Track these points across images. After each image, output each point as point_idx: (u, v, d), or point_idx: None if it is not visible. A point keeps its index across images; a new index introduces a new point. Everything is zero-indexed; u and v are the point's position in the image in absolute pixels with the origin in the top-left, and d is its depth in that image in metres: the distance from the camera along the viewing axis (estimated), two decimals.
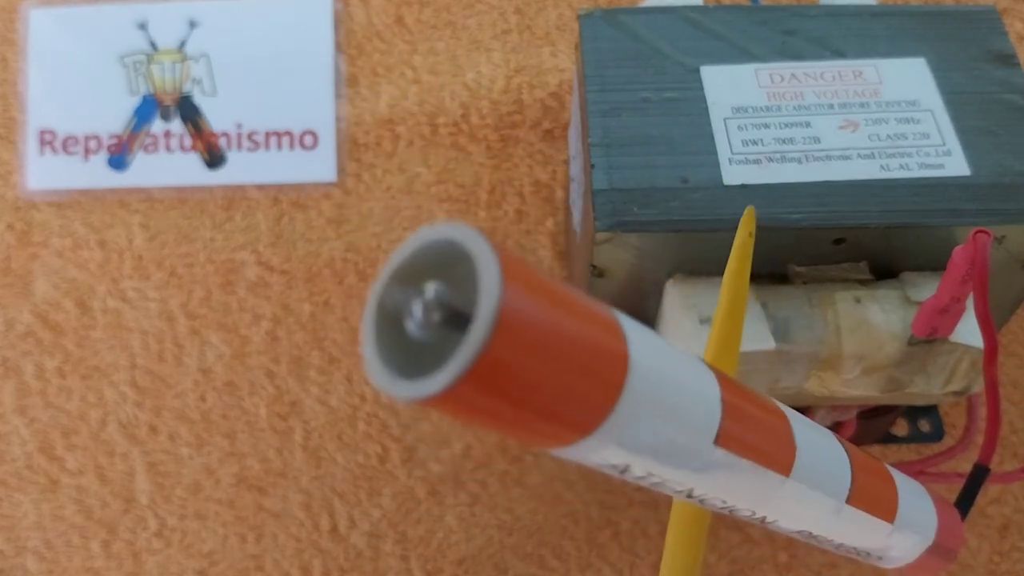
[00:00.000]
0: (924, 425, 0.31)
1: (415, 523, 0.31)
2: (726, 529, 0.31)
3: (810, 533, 0.16)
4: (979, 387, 0.23)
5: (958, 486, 0.21)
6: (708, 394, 0.13)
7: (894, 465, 0.19)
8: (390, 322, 0.10)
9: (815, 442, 0.16)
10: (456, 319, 0.10)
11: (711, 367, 0.13)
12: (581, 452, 0.11)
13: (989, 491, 0.31)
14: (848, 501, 0.16)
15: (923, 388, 0.23)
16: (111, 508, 0.31)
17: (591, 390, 0.11)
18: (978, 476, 0.21)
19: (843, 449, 0.17)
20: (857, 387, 0.23)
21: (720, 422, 0.13)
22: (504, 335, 0.09)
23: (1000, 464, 0.31)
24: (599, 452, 0.12)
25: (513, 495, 0.31)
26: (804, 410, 0.26)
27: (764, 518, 0.15)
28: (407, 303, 0.10)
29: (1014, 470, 0.31)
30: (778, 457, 0.14)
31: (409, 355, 0.10)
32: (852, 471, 0.16)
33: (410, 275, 0.10)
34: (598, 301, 0.11)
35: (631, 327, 0.12)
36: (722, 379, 0.13)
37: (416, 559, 0.31)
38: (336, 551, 0.31)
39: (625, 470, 0.12)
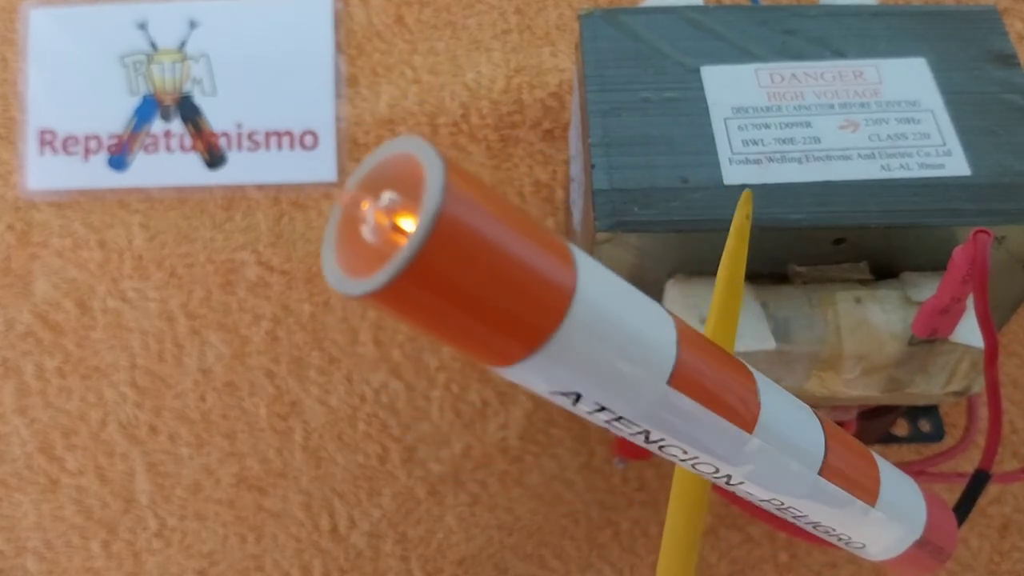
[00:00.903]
0: (924, 425, 0.31)
1: (415, 523, 0.31)
2: (726, 529, 0.31)
3: (781, 504, 0.16)
4: (979, 387, 0.23)
5: (959, 486, 0.21)
6: (663, 333, 0.13)
7: (895, 465, 0.19)
8: (348, 227, 0.11)
9: (783, 406, 0.15)
10: (406, 227, 0.10)
11: (668, 311, 0.14)
12: (525, 373, 0.12)
13: (989, 491, 0.31)
14: (821, 473, 0.16)
15: (923, 388, 0.23)
16: (111, 508, 0.31)
17: (534, 305, 0.11)
18: (979, 481, 0.21)
19: (817, 421, 0.16)
20: (857, 387, 0.23)
21: (675, 363, 0.13)
22: (442, 234, 0.10)
23: (1000, 464, 0.31)
24: (543, 373, 0.12)
25: (513, 495, 0.31)
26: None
27: (729, 477, 0.15)
28: (363, 208, 0.11)
29: (1014, 470, 0.31)
30: (740, 411, 0.14)
31: (362, 257, 0.11)
32: (826, 443, 0.16)
33: (371, 185, 0.11)
34: (546, 228, 0.12)
35: (584, 257, 0.12)
36: (682, 325, 0.13)
37: (416, 559, 0.31)
38: (336, 551, 0.31)
39: (576, 400, 0.12)
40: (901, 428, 0.31)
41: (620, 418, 0.13)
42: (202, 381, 0.32)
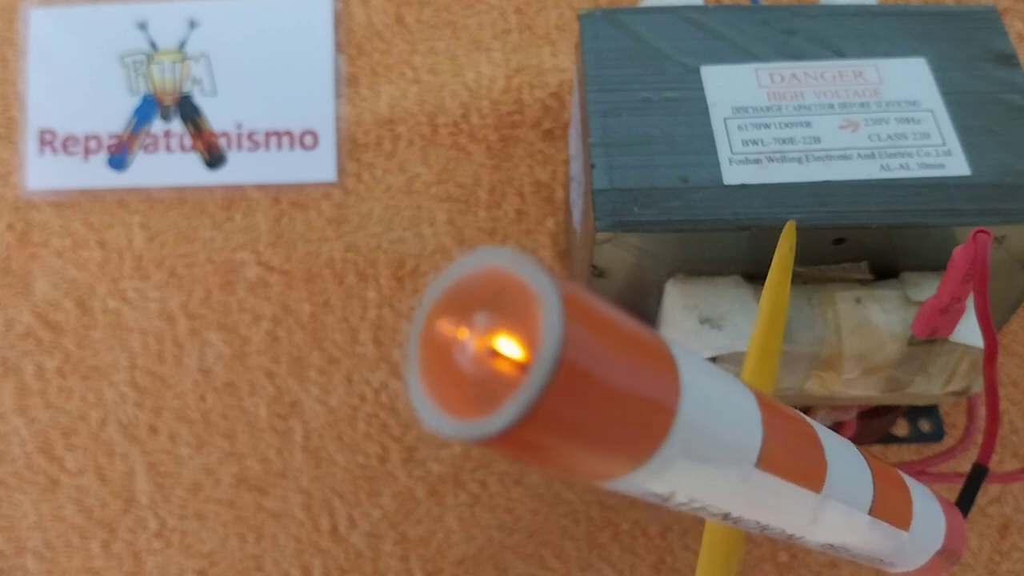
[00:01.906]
0: (924, 425, 0.31)
1: (415, 523, 0.31)
2: None
3: (832, 545, 0.16)
4: (979, 387, 0.23)
5: (958, 486, 0.21)
6: (751, 418, 0.13)
7: (894, 465, 0.19)
8: (436, 354, 0.10)
9: (842, 456, 0.15)
10: (508, 352, 0.09)
11: (752, 390, 0.13)
12: (626, 484, 0.11)
13: (989, 491, 0.31)
14: (870, 512, 0.16)
15: (923, 388, 0.23)
16: (111, 508, 0.31)
17: (643, 424, 0.10)
18: (977, 476, 0.21)
19: (864, 460, 0.16)
20: (857, 387, 0.23)
21: (761, 445, 0.13)
22: (565, 377, 0.09)
23: (1000, 464, 0.31)
24: (646, 483, 0.11)
25: (513, 495, 0.31)
26: (804, 410, 0.26)
27: (793, 535, 0.15)
28: (455, 334, 0.10)
29: (1014, 470, 0.31)
30: (812, 474, 0.14)
31: (456, 388, 0.10)
32: (874, 482, 0.16)
33: (456, 304, 0.10)
34: (645, 326, 0.11)
35: (680, 353, 0.11)
36: (762, 400, 0.13)
37: (416, 559, 0.31)
38: (336, 551, 0.31)
39: (668, 498, 0.12)
40: (901, 428, 0.31)
41: (707, 507, 0.13)
42: (202, 381, 0.32)
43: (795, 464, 0.14)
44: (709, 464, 0.12)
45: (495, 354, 0.09)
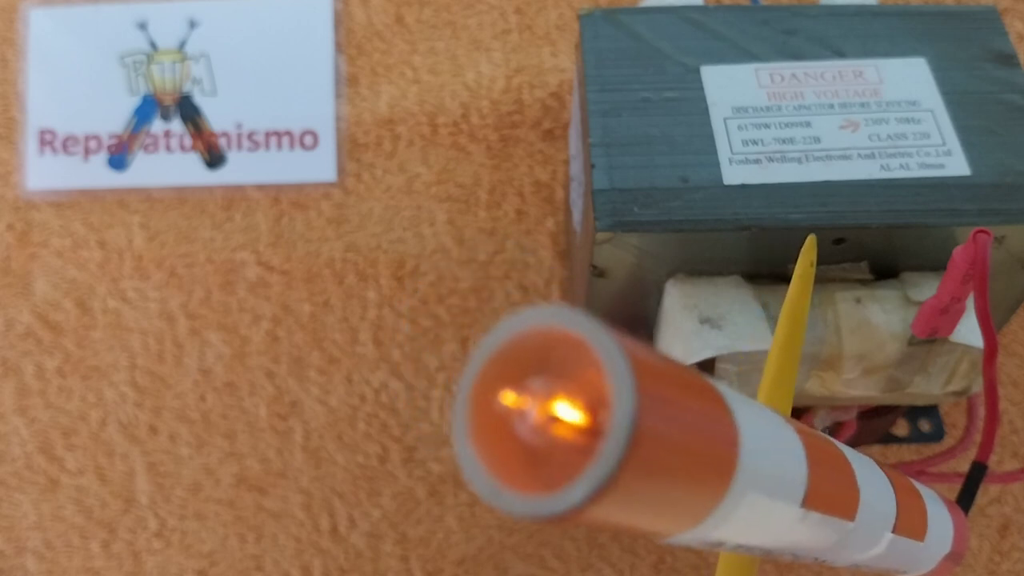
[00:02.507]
0: (924, 425, 0.31)
1: (415, 523, 0.31)
2: None
3: (856, 563, 0.16)
4: (979, 387, 0.23)
5: (958, 486, 0.21)
6: (797, 458, 0.12)
7: (895, 466, 0.19)
8: (490, 423, 0.09)
9: (870, 480, 0.15)
10: (568, 416, 0.09)
11: (792, 423, 0.13)
12: (684, 538, 0.11)
13: (989, 491, 0.31)
14: (893, 531, 0.16)
15: (923, 388, 0.23)
16: (111, 508, 0.31)
17: (708, 478, 0.10)
18: (976, 474, 0.21)
19: (887, 479, 0.16)
20: (857, 387, 0.23)
21: (807, 485, 0.12)
22: (639, 450, 0.08)
23: (1000, 464, 0.31)
24: (703, 535, 0.11)
25: None
26: (804, 410, 0.26)
27: (824, 561, 0.15)
28: (510, 401, 0.09)
29: (1014, 470, 0.31)
30: (847, 505, 0.14)
31: (512, 457, 0.09)
32: (896, 501, 0.16)
33: (506, 369, 0.09)
34: (702, 376, 0.11)
35: (733, 400, 0.11)
36: (804, 436, 0.13)
37: (416, 559, 0.31)
38: (336, 551, 0.31)
39: (719, 544, 0.12)
40: (901, 428, 0.31)
41: (752, 548, 0.13)
42: (202, 381, 0.32)
43: (835, 498, 0.14)
44: (765, 510, 0.11)
45: (555, 420, 0.09)
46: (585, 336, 0.09)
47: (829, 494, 0.13)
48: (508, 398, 0.09)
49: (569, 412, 0.09)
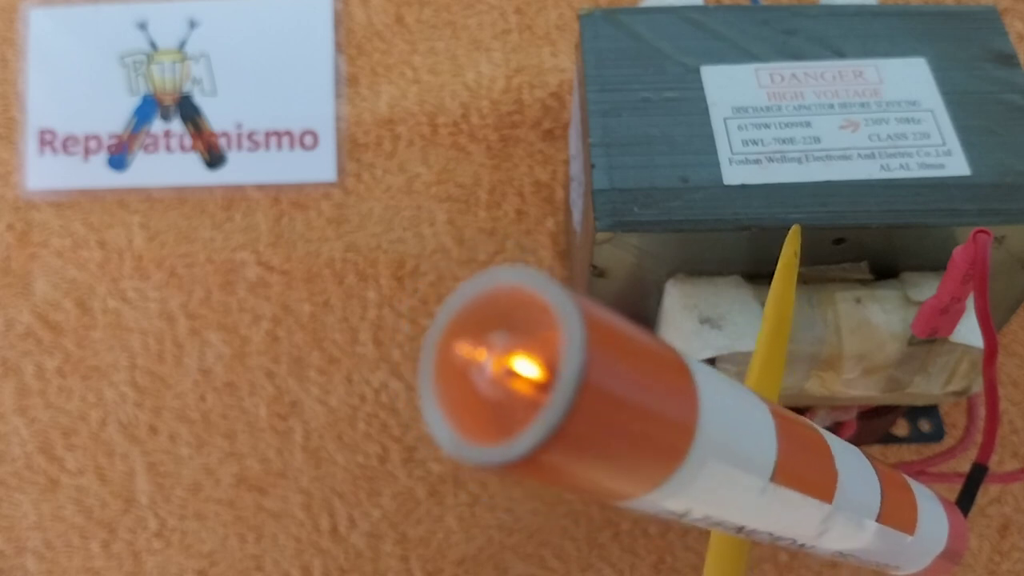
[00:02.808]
0: (924, 425, 0.31)
1: (415, 523, 0.31)
2: None
3: (840, 553, 0.16)
4: (979, 387, 0.23)
5: (958, 486, 0.21)
6: (766, 432, 0.13)
7: (895, 465, 0.19)
8: (452, 375, 0.10)
9: (852, 465, 0.15)
10: (526, 372, 0.09)
11: (766, 401, 0.13)
12: (644, 504, 0.11)
13: (989, 491, 0.31)
14: (878, 519, 0.16)
15: (923, 388, 0.23)
16: (111, 508, 0.31)
17: (664, 442, 0.10)
18: (977, 475, 0.21)
19: (872, 468, 0.16)
20: (857, 387, 0.23)
21: (776, 459, 0.13)
22: (588, 400, 0.09)
23: (1000, 464, 0.31)
24: (663, 503, 0.11)
25: (513, 495, 0.31)
26: (804, 410, 0.26)
27: (803, 545, 0.15)
28: (471, 354, 0.09)
29: (1014, 470, 0.31)
30: (823, 486, 0.14)
31: (473, 410, 0.09)
32: (881, 489, 0.16)
33: (470, 324, 0.10)
34: (665, 344, 0.11)
35: (698, 369, 0.11)
36: (776, 414, 0.13)
37: (416, 559, 0.31)
38: (336, 551, 0.31)
39: (684, 515, 0.12)
40: (901, 428, 0.31)
41: (723, 522, 0.13)
42: (202, 381, 0.32)
43: (808, 476, 0.14)
44: (727, 481, 0.12)
45: (513, 375, 0.09)
46: (544, 294, 0.09)
47: (801, 472, 0.13)
48: (465, 349, 0.09)
49: (527, 367, 0.09)
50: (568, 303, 0.09)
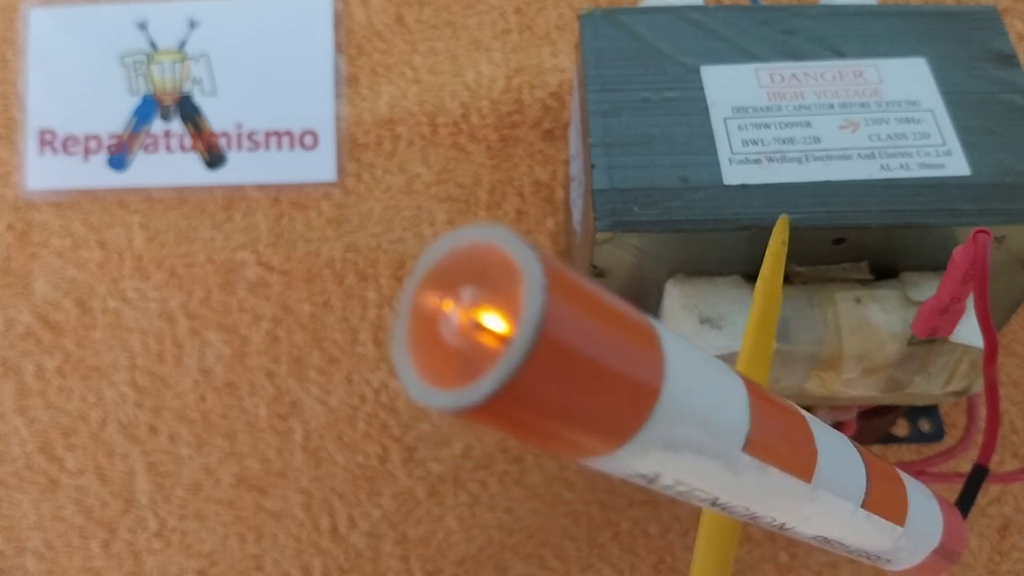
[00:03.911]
0: (924, 425, 0.31)
1: (415, 523, 0.31)
2: None
3: (825, 538, 0.16)
4: (979, 387, 0.23)
5: (958, 486, 0.21)
6: (737, 401, 0.13)
7: (895, 466, 0.19)
8: (423, 327, 0.10)
9: (834, 447, 0.15)
10: (493, 326, 0.10)
11: (739, 374, 0.13)
12: (612, 463, 0.11)
13: (989, 491, 0.31)
14: (863, 505, 0.16)
15: (923, 388, 0.23)
16: (111, 508, 0.31)
17: (627, 401, 0.11)
18: (977, 476, 0.21)
19: (858, 453, 0.16)
20: (857, 387, 0.23)
21: (749, 429, 0.13)
22: (544, 351, 0.09)
23: (1000, 464, 0.31)
24: (631, 462, 0.11)
25: (513, 495, 0.31)
26: (805, 411, 0.26)
27: (783, 524, 0.15)
28: (441, 307, 0.10)
29: (1014, 470, 0.31)
30: (801, 463, 0.14)
31: (442, 360, 0.10)
32: (867, 475, 0.16)
33: (444, 279, 0.10)
34: (631, 306, 0.11)
35: (665, 334, 0.11)
36: (750, 386, 0.13)
37: (416, 559, 0.31)
38: (336, 551, 0.31)
39: (654, 480, 0.12)
40: (901, 428, 0.31)
41: (693, 490, 0.13)
42: (202, 381, 0.32)
43: (784, 451, 0.14)
44: (694, 445, 0.12)
45: (480, 328, 0.10)
46: (511, 252, 0.09)
47: (776, 446, 0.14)
48: (433, 300, 0.10)
49: (492, 321, 0.10)
50: (532, 259, 0.09)
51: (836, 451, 0.16)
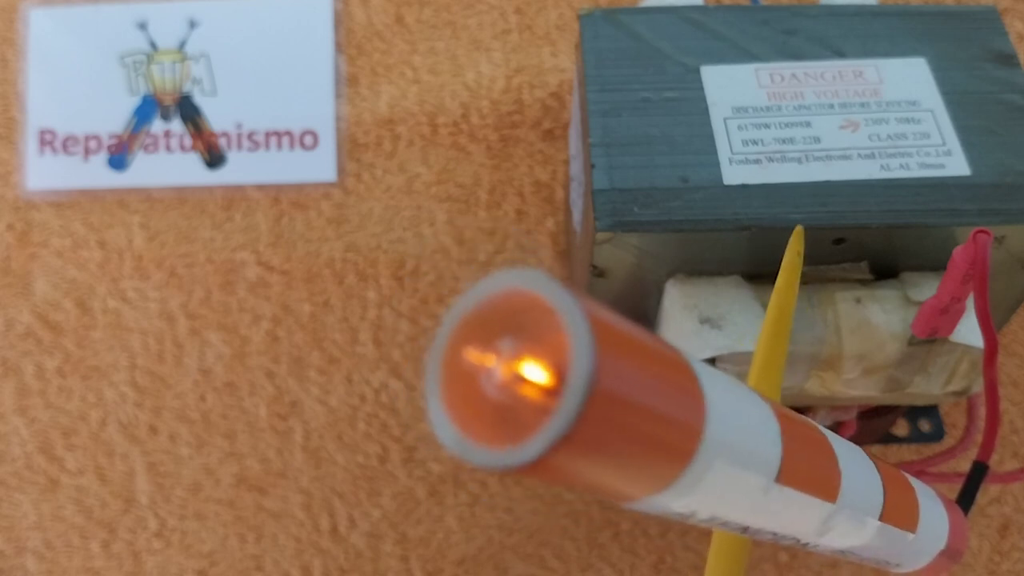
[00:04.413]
0: (924, 425, 0.31)
1: (415, 523, 0.31)
2: None
3: (842, 550, 0.16)
4: (979, 387, 0.23)
5: (958, 486, 0.21)
6: (771, 432, 0.13)
7: (895, 466, 0.19)
8: (460, 380, 0.10)
9: (855, 464, 0.15)
10: (535, 377, 0.09)
11: (769, 401, 0.13)
12: (651, 504, 0.11)
13: (989, 491, 0.31)
14: (880, 517, 0.16)
15: (923, 388, 0.23)
16: (111, 508, 0.31)
17: (672, 444, 0.10)
18: (977, 473, 0.21)
19: (874, 466, 0.16)
20: (857, 387, 0.23)
21: (781, 459, 0.13)
22: (596, 405, 0.09)
23: (1000, 464, 0.31)
24: (670, 504, 0.11)
25: (513, 495, 0.31)
26: (804, 410, 0.26)
27: (806, 544, 0.15)
28: (479, 359, 0.10)
29: (1014, 470, 0.31)
30: (827, 485, 0.14)
31: (480, 414, 0.10)
32: (883, 487, 0.16)
33: (478, 329, 0.10)
34: (670, 346, 0.11)
35: (702, 371, 0.11)
36: (779, 414, 0.13)
37: (416, 559, 0.31)
38: (336, 551, 0.31)
39: (690, 516, 0.12)
40: (901, 428, 0.31)
41: (728, 523, 0.13)
42: (202, 381, 0.32)
43: (813, 476, 0.14)
44: (733, 481, 0.12)
45: (521, 380, 0.09)
46: (550, 299, 0.09)
47: (806, 472, 0.14)
48: (474, 355, 0.10)
49: (535, 372, 0.09)
50: (574, 307, 0.09)
51: (857, 468, 0.15)
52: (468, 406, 0.10)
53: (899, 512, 0.17)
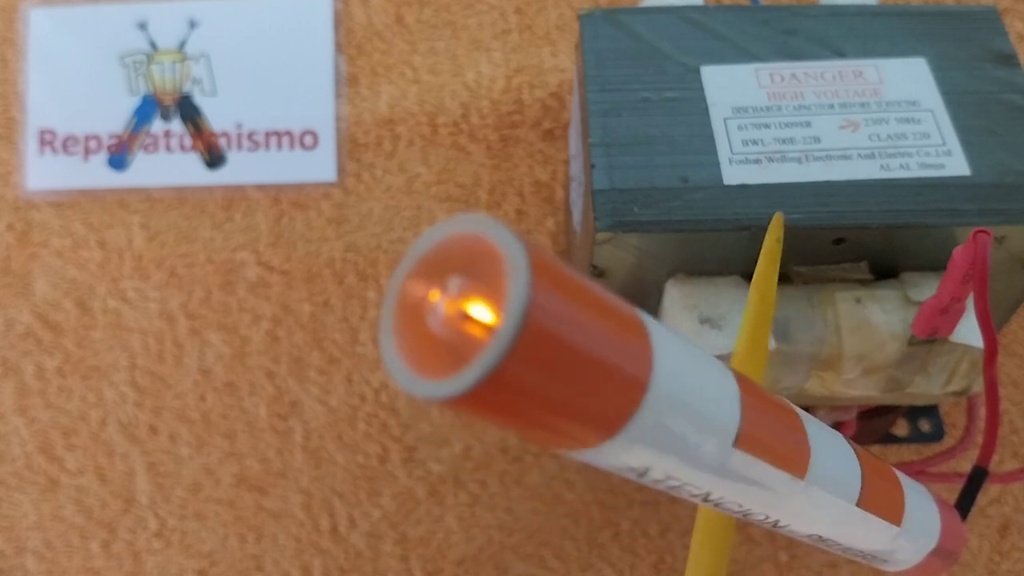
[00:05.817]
0: (924, 425, 0.31)
1: (415, 523, 0.31)
2: None
3: (820, 537, 0.16)
4: (979, 387, 0.23)
5: (958, 486, 0.21)
6: (728, 396, 0.13)
7: (895, 465, 0.19)
8: (410, 316, 0.10)
9: (827, 443, 0.15)
10: (479, 315, 0.10)
11: (732, 370, 0.13)
12: (601, 455, 0.11)
13: (989, 491, 0.31)
14: (858, 504, 0.16)
15: (923, 388, 0.23)
16: (111, 508, 0.31)
17: (614, 393, 0.11)
18: (977, 478, 0.21)
19: (853, 451, 0.16)
20: (857, 387, 0.23)
21: (740, 424, 0.13)
22: (529, 340, 0.09)
23: (1000, 464, 0.31)
24: (620, 455, 0.11)
25: (513, 495, 0.31)
26: (804, 410, 0.26)
27: (777, 522, 0.15)
28: (428, 297, 0.10)
29: (1014, 470, 0.31)
30: (794, 459, 0.14)
31: (428, 350, 0.10)
32: (862, 473, 0.16)
33: (432, 268, 0.10)
34: (621, 299, 0.11)
35: (654, 327, 0.11)
36: (741, 381, 0.13)
37: (416, 559, 0.31)
38: (336, 551, 0.31)
39: (644, 473, 0.12)
40: (901, 428, 0.31)
41: (684, 484, 0.13)
42: (202, 381, 0.32)
43: (776, 447, 0.14)
44: (683, 439, 0.12)
45: (467, 317, 0.10)
46: (498, 242, 0.09)
47: (768, 442, 0.14)
48: (419, 289, 0.10)
49: (479, 310, 0.10)
50: (518, 249, 0.09)
51: (830, 448, 0.16)
52: (417, 340, 0.10)
53: (880, 502, 0.17)
